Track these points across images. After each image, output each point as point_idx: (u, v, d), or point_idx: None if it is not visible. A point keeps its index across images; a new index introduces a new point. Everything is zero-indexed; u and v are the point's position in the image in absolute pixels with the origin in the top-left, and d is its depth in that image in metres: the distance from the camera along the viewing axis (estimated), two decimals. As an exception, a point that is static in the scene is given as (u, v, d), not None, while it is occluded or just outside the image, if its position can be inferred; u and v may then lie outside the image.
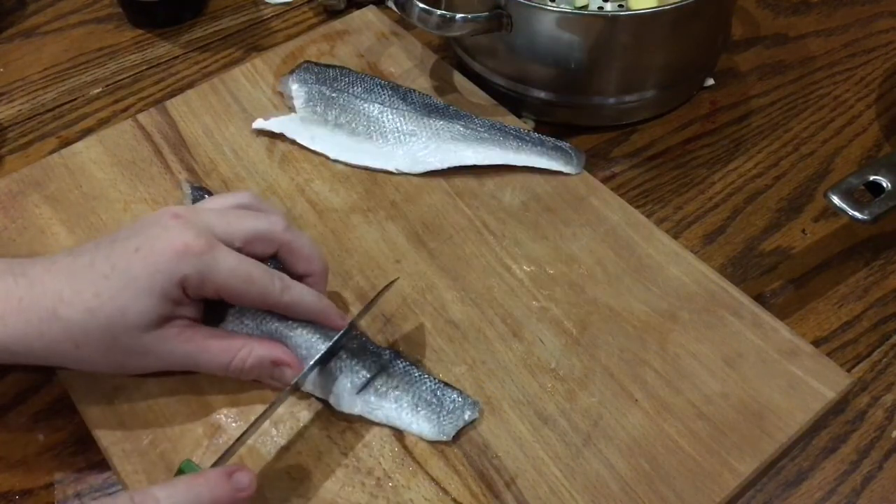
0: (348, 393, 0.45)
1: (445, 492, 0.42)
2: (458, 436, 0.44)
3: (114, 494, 0.36)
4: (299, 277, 0.47)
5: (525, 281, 0.51)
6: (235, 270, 0.43)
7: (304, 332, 0.46)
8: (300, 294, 0.45)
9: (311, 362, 0.44)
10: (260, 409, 0.45)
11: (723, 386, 0.46)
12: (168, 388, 0.46)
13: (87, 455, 0.46)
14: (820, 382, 0.46)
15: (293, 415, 0.45)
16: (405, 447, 0.44)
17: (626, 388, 0.46)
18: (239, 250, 0.44)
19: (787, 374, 0.46)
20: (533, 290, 0.50)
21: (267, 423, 0.45)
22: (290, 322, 0.46)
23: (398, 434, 0.45)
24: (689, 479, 0.42)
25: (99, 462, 0.46)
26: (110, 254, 0.42)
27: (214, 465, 0.39)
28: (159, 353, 0.43)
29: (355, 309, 0.50)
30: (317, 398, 0.46)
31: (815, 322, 0.52)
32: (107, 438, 0.44)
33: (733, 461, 0.43)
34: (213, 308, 0.46)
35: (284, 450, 0.44)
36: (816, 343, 0.50)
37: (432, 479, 0.43)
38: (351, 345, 0.46)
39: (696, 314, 0.49)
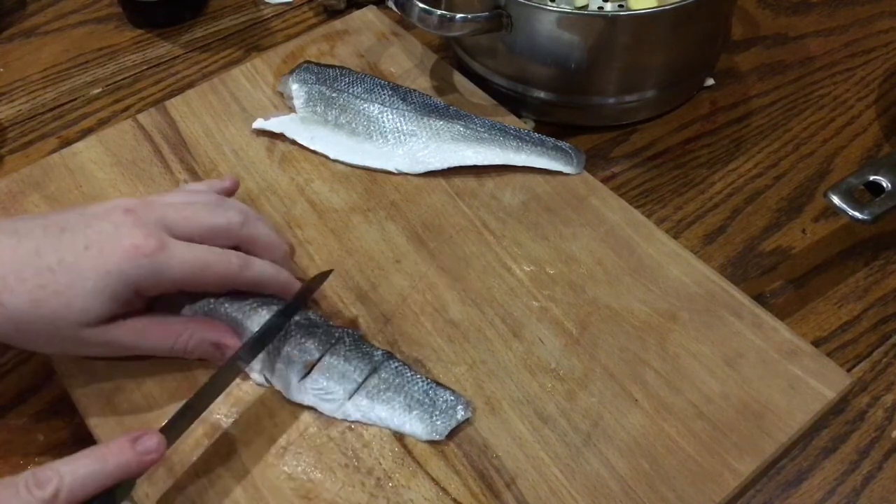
0: (340, 400, 0.45)
1: (445, 492, 0.42)
2: (452, 435, 0.44)
3: (16, 476, 0.36)
4: None
5: (525, 281, 0.51)
6: (189, 262, 0.43)
7: (255, 315, 0.46)
8: (261, 269, 0.46)
9: (251, 337, 0.45)
10: (258, 408, 0.45)
11: (723, 386, 0.46)
12: (168, 389, 0.46)
13: (87, 455, 0.46)
14: (820, 382, 0.46)
15: (293, 415, 0.45)
16: (405, 447, 0.44)
17: (626, 388, 0.46)
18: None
19: (787, 374, 0.46)
20: (533, 290, 0.50)
21: (266, 424, 0.45)
22: (240, 306, 0.47)
23: (398, 434, 0.45)
24: (689, 479, 0.42)
25: (99, 462, 0.46)
26: (58, 245, 0.41)
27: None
28: (102, 342, 0.43)
29: (355, 309, 0.50)
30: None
31: (815, 322, 0.52)
32: (107, 438, 0.44)
33: (733, 461, 0.43)
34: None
35: (284, 450, 0.44)
36: (816, 343, 0.50)
37: (432, 479, 0.43)
38: (342, 347, 0.46)
39: (696, 314, 0.49)
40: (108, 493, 0.37)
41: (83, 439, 0.46)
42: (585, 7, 0.60)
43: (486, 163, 0.57)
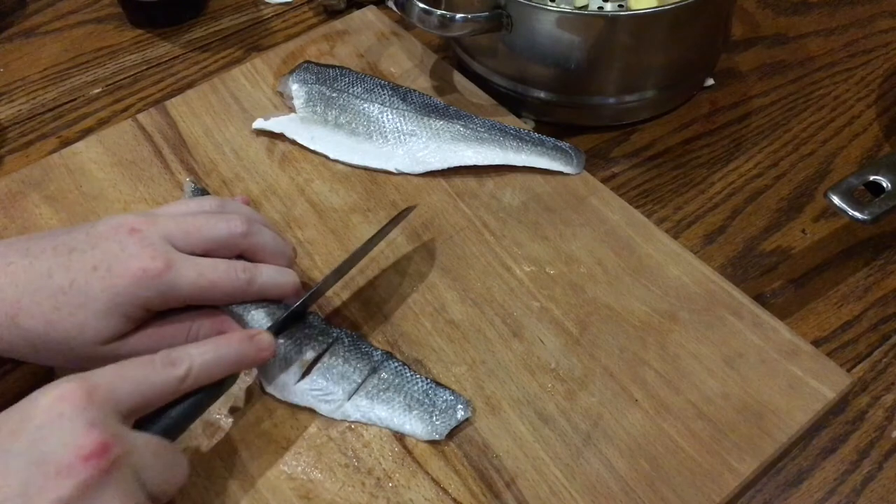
0: (339, 401, 0.45)
1: (445, 492, 0.42)
2: (452, 435, 0.44)
3: (150, 355, 0.39)
4: None
5: (525, 281, 0.51)
6: (197, 282, 0.43)
7: (253, 311, 0.46)
8: (268, 278, 0.46)
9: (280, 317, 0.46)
10: (259, 409, 0.45)
11: (723, 386, 0.46)
12: (168, 388, 0.46)
13: (87, 455, 0.46)
14: (820, 382, 0.46)
15: (293, 415, 0.45)
16: (405, 447, 0.44)
17: (626, 388, 0.46)
18: (204, 255, 0.45)
19: (787, 374, 0.46)
20: (533, 290, 0.50)
21: (266, 424, 0.45)
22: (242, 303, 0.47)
23: (398, 434, 0.45)
24: (689, 479, 0.42)
25: (99, 462, 0.46)
26: (69, 266, 0.42)
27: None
28: (119, 355, 0.43)
29: (355, 308, 0.50)
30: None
31: (815, 322, 0.52)
32: (107, 438, 0.44)
33: (733, 461, 0.43)
34: None
35: (284, 450, 0.44)
36: (816, 343, 0.50)
37: (432, 479, 0.43)
38: (341, 347, 0.46)
39: (696, 314, 0.49)
40: (219, 382, 0.41)
41: (83, 439, 0.46)
42: (585, 7, 0.60)
43: (486, 163, 0.57)
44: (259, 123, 0.59)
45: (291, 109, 0.60)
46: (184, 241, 0.44)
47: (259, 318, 0.46)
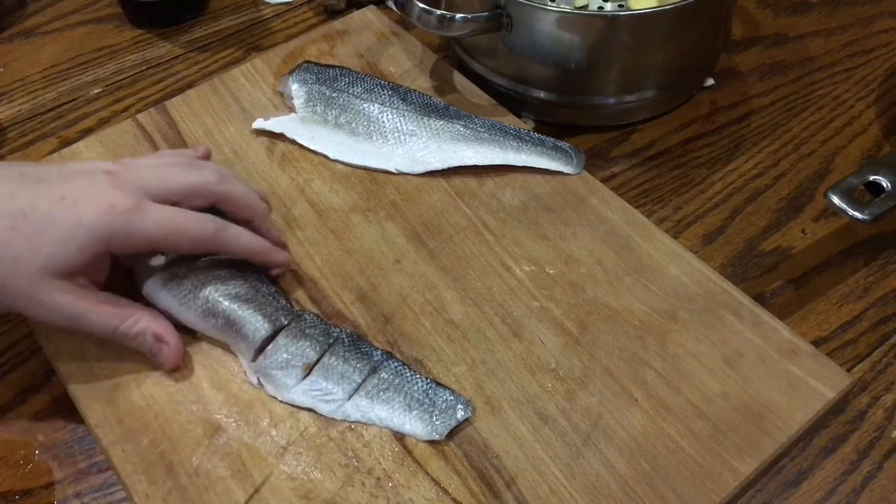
0: (339, 401, 0.45)
1: (445, 492, 0.42)
2: (452, 435, 0.44)
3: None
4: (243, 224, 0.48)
5: (525, 281, 0.51)
6: (163, 223, 0.44)
7: (251, 315, 0.46)
8: (237, 233, 0.47)
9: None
10: (259, 409, 0.45)
11: (723, 386, 0.46)
12: (167, 388, 0.46)
13: (87, 455, 0.46)
14: (820, 382, 0.46)
15: (293, 415, 0.45)
16: (405, 447, 0.44)
17: (626, 388, 0.46)
18: (176, 205, 0.45)
19: (787, 374, 0.46)
20: (533, 290, 0.50)
21: (266, 424, 0.45)
22: (238, 305, 0.47)
23: (398, 434, 0.45)
24: (689, 479, 0.42)
25: (99, 462, 0.46)
26: (35, 192, 0.42)
27: None
28: (51, 302, 0.43)
29: (355, 309, 0.50)
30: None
31: (815, 322, 0.52)
32: (107, 438, 0.44)
33: (733, 461, 0.43)
34: (169, 288, 0.47)
35: (284, 450, 0.44)
36: (816, 343, 0.50)
37: (432, 479, 0.43)
38: (340, 347, 0.47)
39: (696, 314, 0.49)
40: None
41: (83, 439, 0.47)
42: (585, 7, 0.60)
43: (486, 163, 0.57)
44: (259, 123, 0.59)
45: (291, 109, 0.60)
46: (158, 188, 0.44)
47: (258, 321, 0.46)
